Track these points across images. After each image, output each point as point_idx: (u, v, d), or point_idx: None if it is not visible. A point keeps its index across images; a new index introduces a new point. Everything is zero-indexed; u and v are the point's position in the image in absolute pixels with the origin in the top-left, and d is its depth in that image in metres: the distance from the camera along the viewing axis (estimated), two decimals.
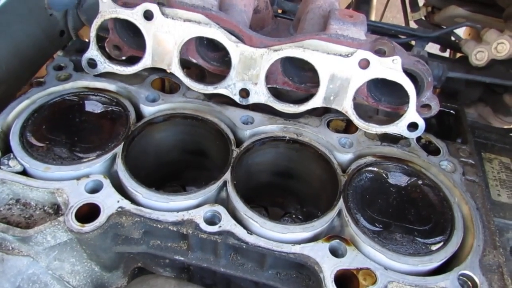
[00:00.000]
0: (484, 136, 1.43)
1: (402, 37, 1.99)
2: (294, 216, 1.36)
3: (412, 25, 2.59)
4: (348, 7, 2.77)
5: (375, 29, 1.97)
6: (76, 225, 0.92)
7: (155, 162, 1.32)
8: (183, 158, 1.36)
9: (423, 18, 2.49)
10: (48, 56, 1.80)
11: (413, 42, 1.97)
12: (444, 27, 2.31)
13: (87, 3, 1.77)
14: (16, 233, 0.93)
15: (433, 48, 2.18)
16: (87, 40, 1.77)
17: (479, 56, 1.76)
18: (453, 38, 2.04)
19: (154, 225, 0.96)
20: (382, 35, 1.98)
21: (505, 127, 1.99)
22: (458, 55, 2.13)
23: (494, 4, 1.90)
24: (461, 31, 2.67)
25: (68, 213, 0.94)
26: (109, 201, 0.98)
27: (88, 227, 0.92)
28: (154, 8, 1.20)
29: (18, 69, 1.61)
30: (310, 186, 1.27)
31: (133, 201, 1.01)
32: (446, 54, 2.52)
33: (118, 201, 0.98)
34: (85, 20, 1.76)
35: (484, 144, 1.40)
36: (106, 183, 1.02)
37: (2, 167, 1.04)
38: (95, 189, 1.01)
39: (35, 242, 0.94)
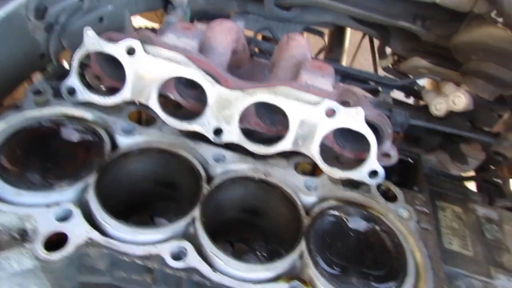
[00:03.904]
0: (439, 185, 1.53)
1: (371, 83, 2.13)
2: (258, 253, 1.40)
3: (381, 71, 2.76)
4: (321, 50, 2.91)
5: (345, 74, 2.11)
6: (43, 253, 0.93)
7: (126, 192, 1.34)
8: (154, 189, 1.39)
9: (390, 65, 2.65)
10: (25, 77, 1.82)
11: (380, 88, 2.11)
12: (411, 76, 2.47)
13: (70, 29, 1.81)
14: None
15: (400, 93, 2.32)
16: (67, 66, 1.80)
17: (438, 106, 1.89)
18: (416, 88, 2.19)
19: (121, 257, 0.98)
20: (352, 80, 2.13)
21: (462, 174, 2.12)
22: (421, 102, 2.28)
23: (454, 58, 2.07)
24: (426, 80, 2.86)
25: (36, 241, 0.96)
26: (78, 230, 1.00)
27: (55, 256, 0.94)
28: (136, 45, 1.25)
29: None
30: (275, 224, 1.32)
31: (102, 231, 1.03)
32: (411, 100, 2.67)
33: (87, 232, 1.00)
34: (67, 45, 1.79)
35: (438, 192, 1.49)
36: (76, 212, 1.04)
37: None
38: (64, 218, 1.02)
39: (0, 268, 0.95)
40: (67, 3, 1.77)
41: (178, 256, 1.01)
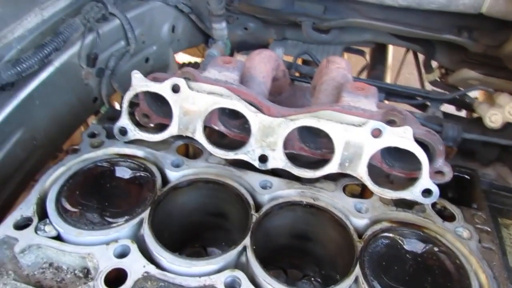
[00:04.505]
0: (500, 201, 1.44)
1: (418, 98, 2.07)
2: (312, 279, 1.38)
3: (428, 85, 2.68)
4: (363, 68, 2.89)
5: (390, 91, 2.07)
6: None
7: (178, 224, 1.38)
8: (204, 220, 1.42)
9: (437, 79, 2.57)
10: (81, 121, 1.94)
11: (428, 103, 2.05)
12: (461, 88, 2.37)
13: (119, 72, 1.93)
14: None
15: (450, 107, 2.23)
16: (118, 108, 1.91)
17: (493, 118, 1.81)
18: (467, 100, 2.10)
19: None
20: (398, 97, 2.08)
21: None
22: (474, 114, 2.18)
23: (506, 67, 1.97)
24: (477, 92, 2.73)
25: (98, 278, 1.00)
26: (135, 266, 1.04)
27: None
28: (181, 82, 1.31)
29: (55, 134, 1.74)
30: (327, 249, 1.29)
31: (158, 265, 1.07)
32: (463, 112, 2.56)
33: (144, 266, 1.04)
34: (117, 87, 1.91)
35: (500, 209, 1.40)
36: (133, 247, 1.08)
37: (38, 232, 1.12)
38: (123, 254, 1.07)
39: None
40: (115, 49, 1.90)
41: (232, 286, 1.02)
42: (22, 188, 1.65)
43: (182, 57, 2.93)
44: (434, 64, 2.55)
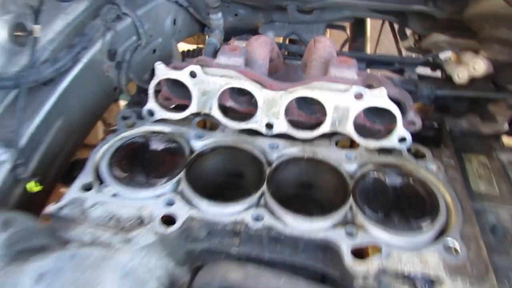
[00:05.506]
0: (464, 141, 1.76)
1: (395, 64, 2.37)
2: None
3: (405, 51, 2.98)
4: (345, 42, 3.17)
5: (370, 60, 2.37)
6: (162, 228, 1.29)
7: (203, 185, 1.67)
8: (225, 179, 1.72)
9: (412, 45, 2.86)
10: (105, 108, 2.23)
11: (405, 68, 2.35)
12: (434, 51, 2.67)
13: (132, 63, 2.20)
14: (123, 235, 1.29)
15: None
16: (132, 94, 2.18)
17: (460, 75, 2.09)
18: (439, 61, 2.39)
19: (215, 226, 1.32)
20: (378, 64, 2.37)
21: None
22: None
23: (470, 29, 2.26)
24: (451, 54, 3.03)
25: (154, 220, 1.31)
26: (181, 211, 1.35)
27: (170, 229, 1.29)
28: (197, 69, 1.60)
29: (86, 120, 2.03)
30: (326, 192, 1.61)
31: (198, 210, 1.38)
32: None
33: (188, 211, 1.35)
34: (133, 77, 2.19)
35: (464, 148, 1.72)
36: (178, 198, 1.39)
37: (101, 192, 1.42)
38: (170, 203, 1.37)
39: (134, 243, 1.30)
40: (129, 43, 2.17)
41: (257, 219, 1.32)
42: (63, 168, 1.95)
43: (181, 46, 3.18)
44: (408, 31, 2.84)
